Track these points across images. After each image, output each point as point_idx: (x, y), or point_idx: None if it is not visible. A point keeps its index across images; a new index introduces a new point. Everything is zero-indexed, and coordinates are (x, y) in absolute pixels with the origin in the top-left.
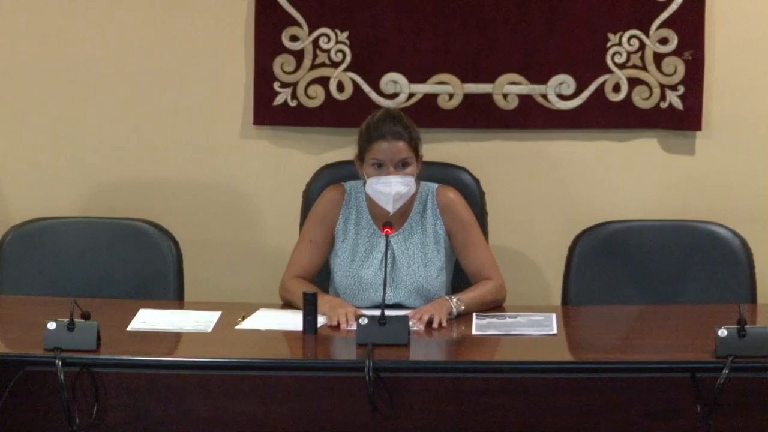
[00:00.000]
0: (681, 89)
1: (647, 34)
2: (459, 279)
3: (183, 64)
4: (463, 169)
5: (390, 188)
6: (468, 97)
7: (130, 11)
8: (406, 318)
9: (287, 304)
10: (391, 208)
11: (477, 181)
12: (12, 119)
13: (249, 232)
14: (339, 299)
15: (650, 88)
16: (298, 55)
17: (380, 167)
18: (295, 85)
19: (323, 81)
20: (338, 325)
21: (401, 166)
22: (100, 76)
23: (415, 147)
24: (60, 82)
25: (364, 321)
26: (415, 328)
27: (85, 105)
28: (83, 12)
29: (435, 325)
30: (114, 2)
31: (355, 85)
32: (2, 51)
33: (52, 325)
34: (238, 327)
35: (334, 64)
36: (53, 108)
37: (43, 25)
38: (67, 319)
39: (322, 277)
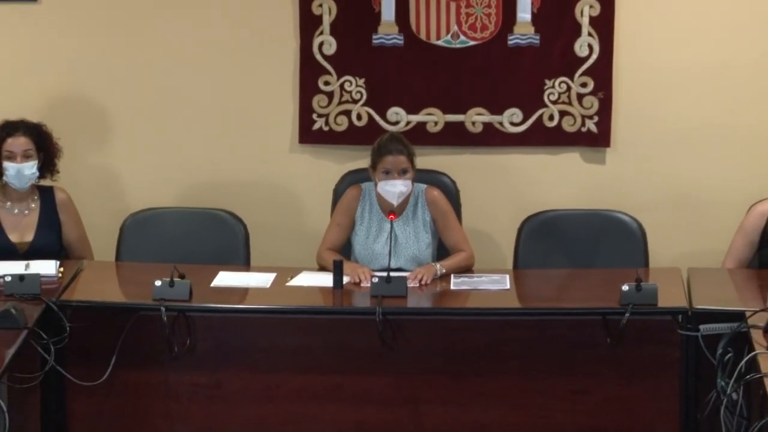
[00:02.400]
0: (596, 118)
1: (572, 80)
2: (441, 251)
3: (251, 101)
4: (444, 174)
5: (395, 188)
6: (447, 124)
7: (219, 68)
8: (405, 278)
9: (322, 268)
10: (395, 202)
11: (454, 183)
12: (132, 135)
13: (295, 217)
14: (358, 264)
15: (574, 117)
16: (330, 95)
17: (388, 174)
18: (327, 115)
19: (347, 113)
20: (358, 282)
21: (402, 173)
22: (199, 109)
23: (411, 159)
24: (170, 109)
25: (375, 280)
26: (411, 285)
27: (186, 127)
28: (188, 62)
29: (423, 283)
30: (210, 61)
31: (369, 115)
32: (124, 83)
33: (158, 283)
34: (287, 284)
35: (355, 101)
36: (163, 128)
37: (153, 66)
38: (169, 279)
39: (346, 250)
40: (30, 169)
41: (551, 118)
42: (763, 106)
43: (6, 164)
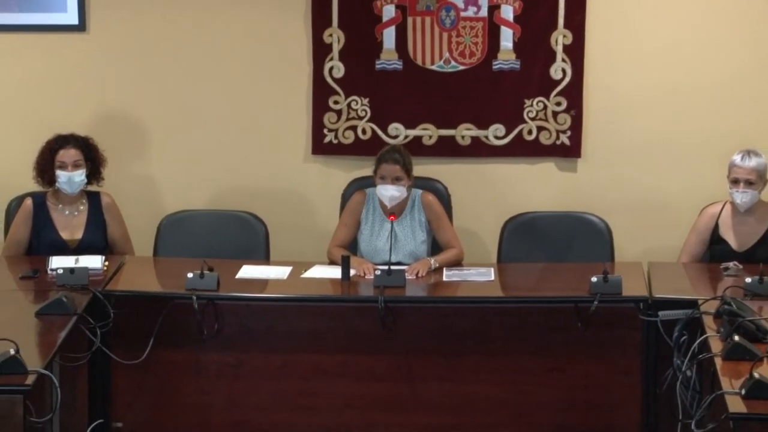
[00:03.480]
0: (569, 133)
1: (548, 100)
2: (435, 247)
3: (271, 117)
4: (438, 180)
5: (388, 193)
6: (440, 138)
7: (243, 89)
8: (403, 271)
9: (332, 263)
10: (388, 204)
11: (446, 188)
12: (168, 147)
13: (308, 218)
14: (363, 259)
15: (550, 132)
16: (339, 113)
17: (383, 179)
18: (336, 130)
19: (354, 128)
20: (363, 275)
21: (396, 180)
22: (226, 124)
23: (406, 168)
24: (201, 124)
25: (378, 272)
26: (409, 277)
27: (214, 140)
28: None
29: (420, 275)
30: (235, 83)
31: (373, 130)
32: (161, 102)
33: (190, 275)
34: (302, 276)
35: (360, 118)
36: (195, 141)
37: (186, 87)
38: (199, 271)
39: (352, 246)
40: (79, 176)
41: (530, 132)
42: (713, 123)
43: (58, 172)
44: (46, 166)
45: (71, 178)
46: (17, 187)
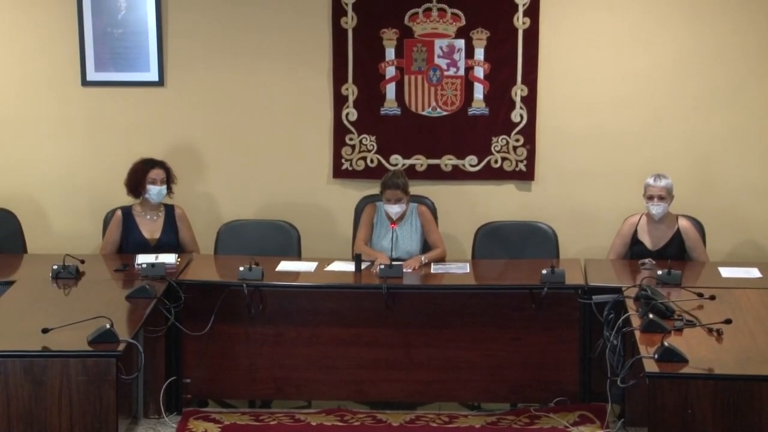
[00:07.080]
0: (525, 162)
1: (509, 137)
2: (425, 247)
3: (303, 150)
4: (427, 198)
5: (393, 210)
6: (429, 165)
7: (283, 129)
8: (401, 265)
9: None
10: (394, 218)
11: (433, 203)
12: (225, 171)
13: (330, 225)
14: (380, 253)
15: (511, 161)
16: (353, 147)
17: (389, 201)
18: (351, 160)
19: (364, 158)
20: (376, 269)
21: (397, 200)
22: (270, 155)
23: (405, 190)
24: (250, 155)
25: (382, 266)
26: (406, 270)
27: (261, 167)
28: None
29: (414, 268)
30: (278, 126)
31: (378, 160)
32: (219, 138)
33: (241, 268)
34: (325, 269)
35: (369, 151)
36: (245, 167)
37: (239, 127)
38: (248, 265)
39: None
40: (164, 190)
41: (496, 162)
42: (633, 156)
43: (149, 186)
44: (138, 182)
45: (160, 191)
46: (111, 202)
